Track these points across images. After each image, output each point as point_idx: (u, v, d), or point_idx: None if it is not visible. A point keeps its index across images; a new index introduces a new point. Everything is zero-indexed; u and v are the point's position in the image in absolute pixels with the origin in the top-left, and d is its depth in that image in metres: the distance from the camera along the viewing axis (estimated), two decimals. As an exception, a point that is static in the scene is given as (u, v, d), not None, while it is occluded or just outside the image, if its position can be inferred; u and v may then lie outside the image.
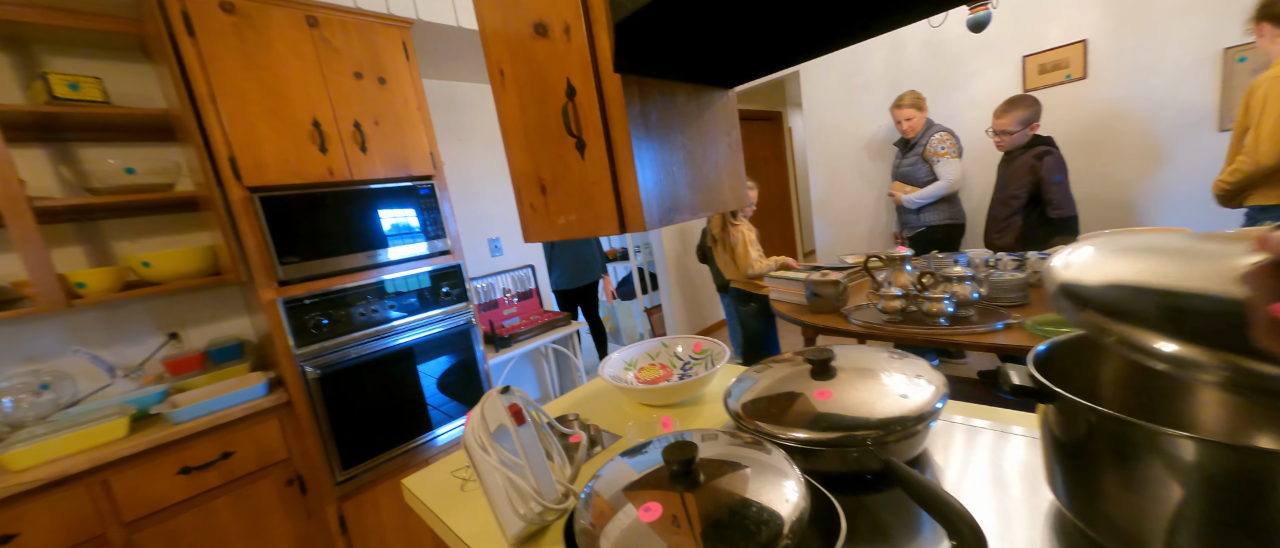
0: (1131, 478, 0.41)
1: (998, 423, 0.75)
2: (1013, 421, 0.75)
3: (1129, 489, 0.42)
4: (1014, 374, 0.50)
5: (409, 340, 1.83)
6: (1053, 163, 2.06)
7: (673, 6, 0.50)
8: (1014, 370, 0.50)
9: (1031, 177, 2.10)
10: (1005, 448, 0.69)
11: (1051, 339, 0.54)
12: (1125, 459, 0.41)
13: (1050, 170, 2.06)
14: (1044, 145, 2.11)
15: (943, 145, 2.40)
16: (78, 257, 1.58)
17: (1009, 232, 2.21)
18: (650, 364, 1.15)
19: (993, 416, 0.78)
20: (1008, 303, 1.54)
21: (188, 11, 1.36)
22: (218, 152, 1.42)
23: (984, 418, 0.77)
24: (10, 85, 1.46)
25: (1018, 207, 2.16)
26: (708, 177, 0.87)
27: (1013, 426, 0.73)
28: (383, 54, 1.75)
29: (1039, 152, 2.09)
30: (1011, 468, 0.64)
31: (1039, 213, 2.13)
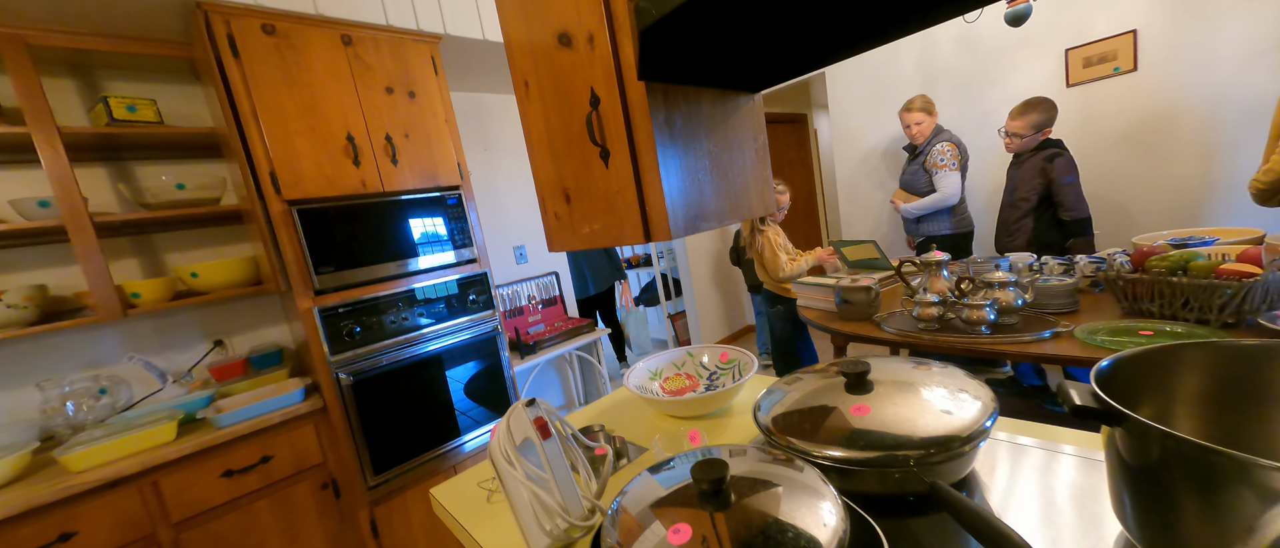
0: (1216, 511, 0.37)
1: (1047, 442, 0.70)
2: (1064, 438, 0.70)
3: (1212, 523, 0.37)
4: (1075, 393, 0.46)
5: (437, 348, 1.86)
6: (1063, 164, 2.03)
7: (697, 13, 0.49)
8: (1075, 389, 0.46)
9: (1042, 179, 2.07)
10: (1057, 469, 0.64)
11: (1117, 354, 0.50)
12: (1209, 490, 0.37)
13: (1061, 172, 2.02)
14: (1054, 147, 2.07)
15: (943, 157, 2.34)
16: (133, 268, 1.68)
17: (1020, 235, 2.18)
18: (676, 374, 1.13)
19: (1041, 433, 0.73)
20: (1055, 310, 1.45)
21: (233, 34, 1.43)
22: (259, 166, 1.48)
23: (1031, 436, 0.72)
24: (75, 109, 1.56)
25: (1028, 209, 2.14)
26: (734, 183, 0.85)
27: (1063, 444, 0.68)
28: (413, 68, 1.80)
29: (1049, 153, 2.06)
30: (1065, 491, 0.60)
31: (1051, 215, 2.10)
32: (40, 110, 1.31)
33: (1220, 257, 1.21)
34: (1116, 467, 0.45)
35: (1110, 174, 2.36)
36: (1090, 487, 0.59)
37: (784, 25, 0.62)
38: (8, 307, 1.31)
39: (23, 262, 1.50)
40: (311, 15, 1.57)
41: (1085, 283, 1.56)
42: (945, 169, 2.33)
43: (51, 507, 1.18)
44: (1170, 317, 1.21)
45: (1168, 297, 1.21)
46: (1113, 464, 0.46)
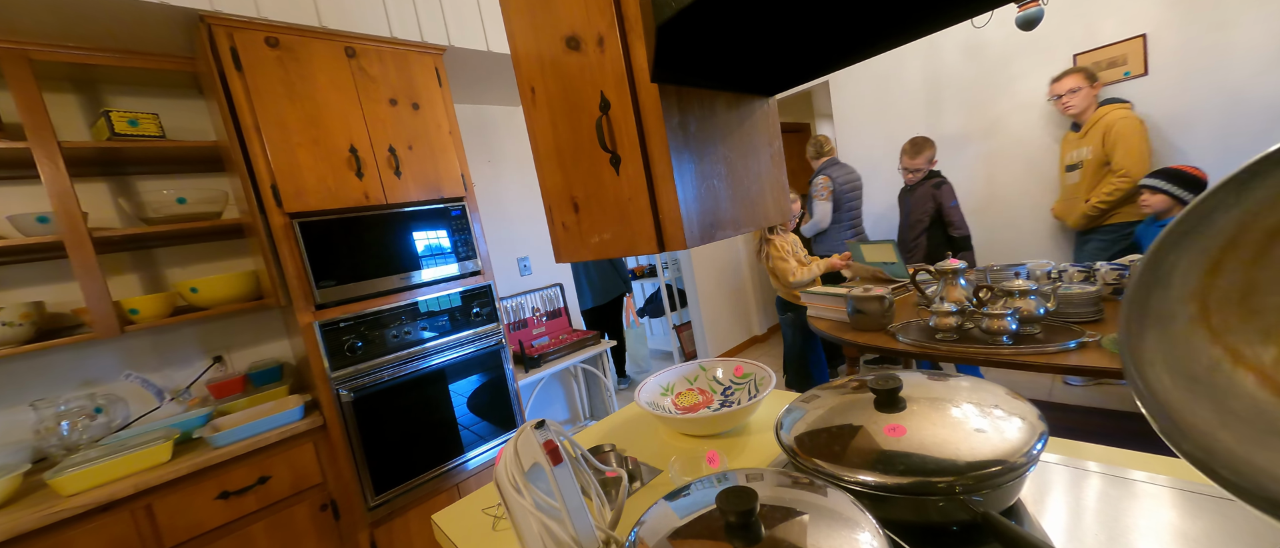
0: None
1: (1112, 467, 0.64)
2: (1130, 463, 0.64)
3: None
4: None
5: (440, 362, 1.82)
6: (949, 190, 2.47)
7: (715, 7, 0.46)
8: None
9: (933, 203, 2.48)
10: (1128, 500, 0.58)
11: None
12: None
13: (948, 196, 2.46)
14: (937, 177, 2.51)
15: (819, 189, 2.69)
16: (132, 284, 1.65)
17: (917, 252, 2.57)
18: (688, 389, 1.08)
19: (1104, 456, 0.67)
20: (1079, 319, 1.40)
21: (236, 47, 1.42)
22: (261, 179, 1.46)
23: (1095, 459, 0.66)
24: (77, 123, 1.55)
25: (923, 229, 2.54)
26: (750, 190, 0.81)
27: (1130, 470, 0.62)
28: (416, 80, 1.79)
29: (935, 182, 2.48)
30: (1141, 527, 0.53)
31: (942, 232, 2.51)
32: (41, 125, 1.30)
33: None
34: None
35: (1123, 179, 2.31)
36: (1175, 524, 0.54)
37: (801, 23, 0.59)
38: (3, 325, 1.28)
39: (20, 278, 1.48)
40: (315, 28, 1.56)
41: (1108, 290, 1.51)
42: (818, 200, 2.69)
43: (39, 533, 1.14)
44: (1203, 325, 1.16)
45: (1200, 305, 1.16)
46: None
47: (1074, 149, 2.16)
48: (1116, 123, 2.00)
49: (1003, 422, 0.57)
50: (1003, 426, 0.56)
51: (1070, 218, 2.21)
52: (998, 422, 0.57)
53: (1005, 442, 0.53)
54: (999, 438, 0.54)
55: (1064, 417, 2.21)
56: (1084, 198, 2.09)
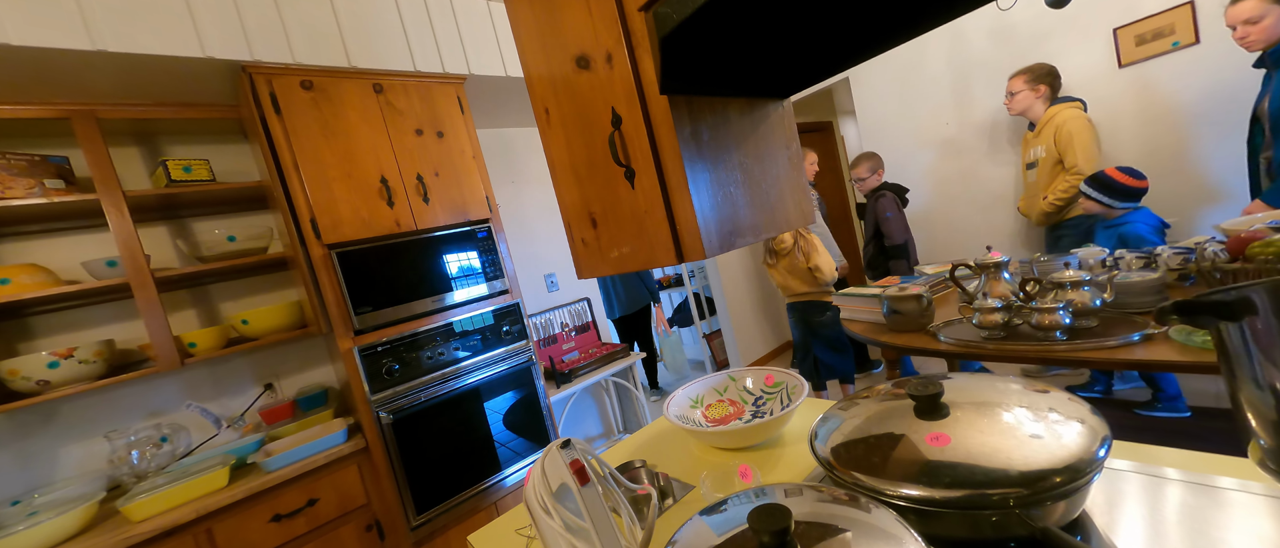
0: None
1: (1194, 474, 0.58)
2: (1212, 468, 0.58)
3: None
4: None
5: (474, 381, 1.86)
6: (886, 202, 2.66)
7: (719, 15, 0.45)
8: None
9: (873, 215, 2.71)
10: (1215, 510, 0.52)
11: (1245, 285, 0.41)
12: None
13: (882, 208, 2.66)
14: (883, 189, 2.71)
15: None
16: (190, 319, 1.77)
17: (871, 262, 2.82)
18: (718, 401, 1.06)
19: (1179, 461, 0.61)
20: (1140, 309, 1.29)
21: (275, 92, 1.52)
22: (301, 214, 1.54)
23: (1171, 465, 0.60)
24: (139, 173, 1.69)
25: (869, 238, 2.79)
26: (769, 194, 0.80)
27: (1217, 477, 0.56)
28: (440, 110, 1.86)
29: (878, 193, 2.70)
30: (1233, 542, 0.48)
31: (877, 242, 2.74)
32: (108, 178, 1.42)
33: (1342, 237, 1.05)
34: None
35: (1178, 156, 2.15)
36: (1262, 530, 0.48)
37: (810, 24, 0.58)
38: (79, 363, 1.39)
39: (93, 319, 1.61)
40: (345, 68, 1.65)
41: (1172, 277, 1.39)
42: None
43: (113, 557, 1.22)
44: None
45: None
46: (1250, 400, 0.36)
47: (1031, 148, 2.26)
48: (1066, 123, 2.08)
49: (1060, 426, 0.53)
50: (1060, 430, 0.52)
51: (1032, 215, 2.28)
52: (1054, 426, 0.53)
53: (1063, 448, 0.49)
54: (1056, 444, 0.50)
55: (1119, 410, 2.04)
56: (1043, 195, 2.18)
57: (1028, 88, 2.23)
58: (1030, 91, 2.22)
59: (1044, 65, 2.23)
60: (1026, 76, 2.23)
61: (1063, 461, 0.47)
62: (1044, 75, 2.21)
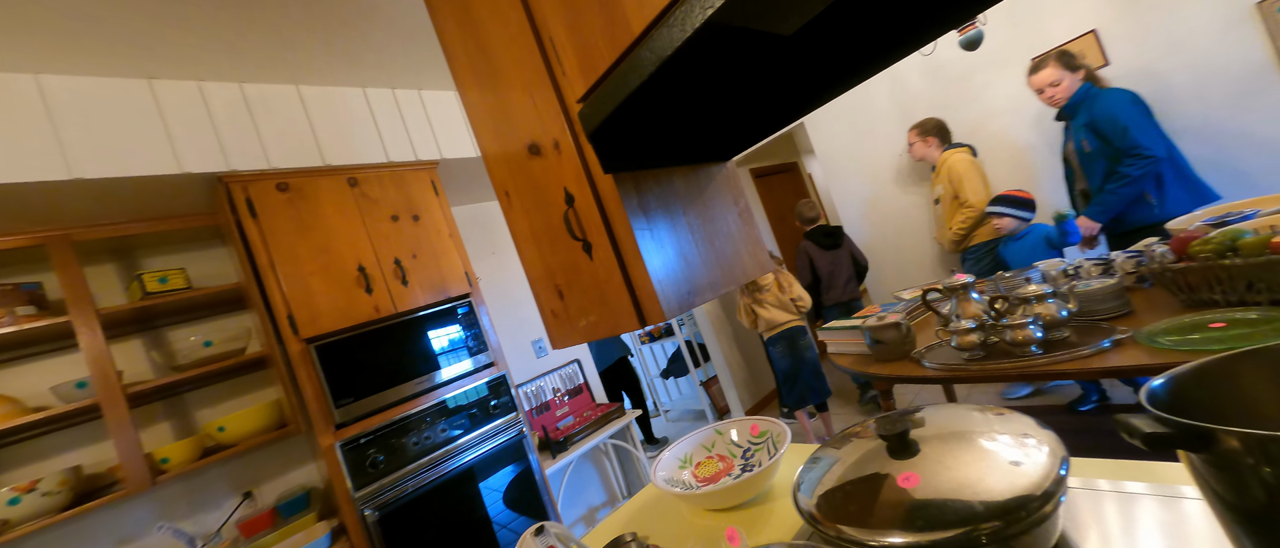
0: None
1: (1159, 485, 0.59)
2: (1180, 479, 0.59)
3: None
4: (1143, 422, 0.39)
5: (464, 462, 1.80)
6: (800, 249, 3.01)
7: (638, 110, 0.50)
8: (1139, 419, 0.39)
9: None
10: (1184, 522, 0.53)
11: (1171, 373, 0.43)
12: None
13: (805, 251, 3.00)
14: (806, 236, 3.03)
15: None
16: (164, 432, 1.70)
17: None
18: (708, 458, 1.04)
19: (1148, 474, 0.62)
20: (1106, 315, 1.33)
21: (251, 198, 1.57)
22: (278, 312, 1.55)
23: (1140, 479, 0.61)
24: (114, 288, 1.69)
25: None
26: (723, 250, 0.83)
27: (1183, 487, 0.57)
28: (414, 194, 1.92)
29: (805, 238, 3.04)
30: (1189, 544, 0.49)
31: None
32: (81, 299, 1.42)
33: (1269, 229, 1.12)
34: (1220, 505, 0.37)
35: (1119, 163, 2.29)
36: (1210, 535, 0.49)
37: (731, 100, 0.64)
38: (42, 495, 1.32)
39: (60, 445, 1.54)
40: (320, 167, 1.72)
41: (1130, 280, 1.44)
42: None
43: None
44: (1237, 302, 1.10)
45: (1228, 282, 1.10)
46: (1210, 497, 0.38)
47: (935, 186, 2.59)
48: (955, 166, 2.41)
49: (1019, 450, 0.53)
50: (1020, 454, 0.53)
51: (944, 242, 2.60)
52: (1012, 450, 0.54)
53: (1023, 475, 0.49)
54: (1016, 471, 0.50)
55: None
56: (948, 225, 2.50)
57: (919, 140, 2.59)
58: (922, 143, 2.59)
59: (931, 120, 2.60)
60: (917, 130, 2.60)
61: (1026, 488, 0.48)
62: (932, 128, 2.57)
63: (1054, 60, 1.98)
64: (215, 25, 1.34)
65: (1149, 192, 1.82)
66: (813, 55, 0.56)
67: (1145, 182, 1.80)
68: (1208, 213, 1.47)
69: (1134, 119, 1.81)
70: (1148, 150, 1.77)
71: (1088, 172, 1.97)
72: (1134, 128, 1.79)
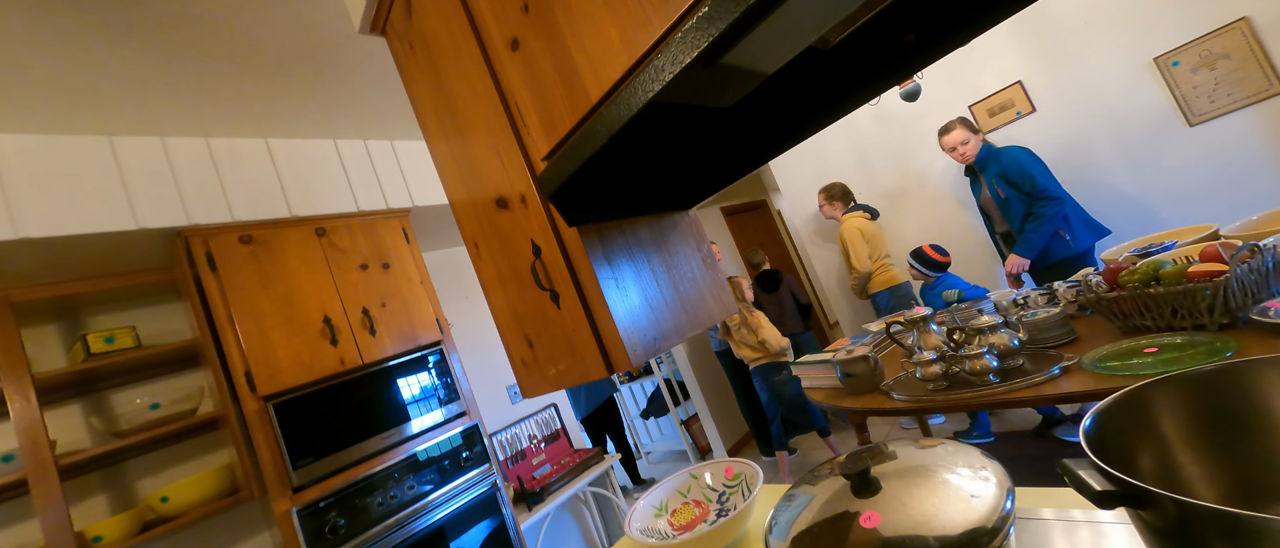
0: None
1: (1096, 512, 0.62)
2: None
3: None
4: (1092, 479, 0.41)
5: (433, 520, 1.70)
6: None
7: (596, 171, 0.54)
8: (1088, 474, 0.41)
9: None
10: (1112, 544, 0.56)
11: (1095, 410, 0.47)
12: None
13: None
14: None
15: None
16: (99, 506, 1.56)
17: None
18: (684, 504, 1.03)
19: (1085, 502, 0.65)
20: (1054, 342, 1.41)
21: (211, 252, 1.53)
22: (234, 369, 1.48)
23: (1082, 509, 0.64)
24: (54, 351, 1.59)
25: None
26: (688, 295, 0.86)
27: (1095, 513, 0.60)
28: (385, 243, 1.91)
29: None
30: None
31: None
32: (16, 364, 1.33)
33: (1185, 259, 1.22)
34: (1151, 538, 0.40)
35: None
36: None
37: (687, 158, 0.68)
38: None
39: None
40: (287, 218, 1.70)
41: (1072, 309, 1.54)
42: None
43: None
44: (1166, 328, 1.18)
45: (1154, 309, 1.19)
46: (1146, 536, 0.40)
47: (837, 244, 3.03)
48: (844, 233, 2.80)
49: (969, 483, 0.56)
50: (971, 487, 0.55)
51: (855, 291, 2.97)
52: (966, 483, 0.56)
53: (973, 510, 0.52)
54: (966, 507, 0.52)
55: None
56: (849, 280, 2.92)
57: (826, 202, 2.96)
58: (829, 205, 2.95)
59: (837, 185, 2.94)
60: (824, 194, 2.96)
61: (977, 520, 0.50)
62: (837, 193, 2.92)
63: (960, 124, 2.28)
64: (180, 83, 1.34)
65: (1062, 228, 2.08)
66: (757, 119, 0.62)
67: (1058, 220, 2.07)
68: (1133, 245, 1.61)
69: (1038, 168, 2.10)
70: (1056, 193, 2.06)
71: (1007, 215, 2.23)
72: (1039, 176, 2.08)
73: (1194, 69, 2.08)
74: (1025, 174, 2.09)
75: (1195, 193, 2.14)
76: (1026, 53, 2.42)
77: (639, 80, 0.40)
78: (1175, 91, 2.12)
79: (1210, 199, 2.11)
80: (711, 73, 0.38)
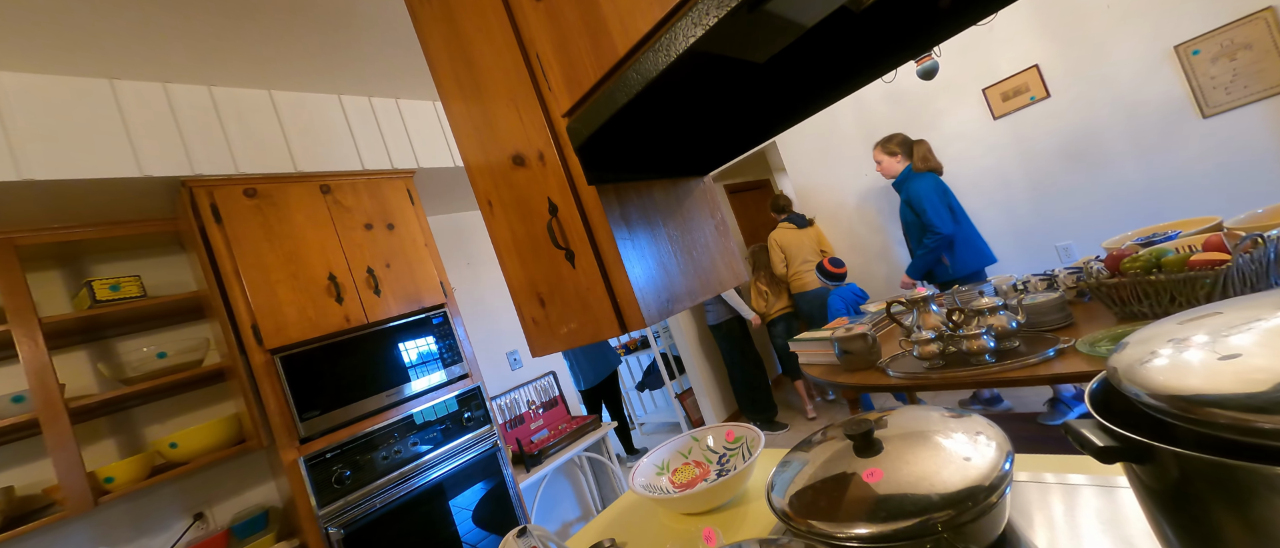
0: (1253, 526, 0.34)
1: (1099, 477, 0.64)
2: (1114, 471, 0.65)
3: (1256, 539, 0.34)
4: (1094, 435, 0.42)
5: (435, 476, 1.75)
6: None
7: (625, 124, 0.53)
8: (1090, 430, 0.43)
9: None
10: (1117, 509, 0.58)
11: (1100, 375, 0.49)
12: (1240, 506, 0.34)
13: None
14: None
15: None
16: (109, 449, 1.60)
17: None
18: (685, 464, 1.06)
19: (1087, 467, 0.68)
20: (1051, 326, 1.43)
21: (216, 203, 1.52)
22: (241, 321, 1.49)
23: (1081, 472, 0.67)
24: (59, 297, 1.59)
25: None
26: (700, 260, 0.87)
27: (1117, 478, 0.63)
28: (390, 203, 1.90)
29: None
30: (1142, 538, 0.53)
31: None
32: (23, 307, 1.33)
33: (1187, 248, 1.24)
34: (1147, 498, 0.42)
35: (1060, 187, 2.48)
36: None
37: (708, 119, 0.68)
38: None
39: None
40: (291, 174, 1.68)
41: (1071, 294, 1.56)
42: None
43: None
44: (1163, 315, 1.21)
45: (1153, 296, 1.21)
46: (1142, 496, 0.43)
47: None
48: (769, 242, 3.22)
49: (970, 446, 0.58)
50: (970, 450, 0.57)
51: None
52: (965, 447, 0.58)
53: (976, 468, 0.54)
54: (968, 465, 0.55)
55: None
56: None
57: (774, 215, 3.33)
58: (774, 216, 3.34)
59: (782, 198, 3.27)
60: (771, 207, 3.31)
61: (975, 479, 0.52)
62: (772, 206, 3.31)
63: (878, 145, 2.52)
64: (183, 27, 1.31)
65: (945, 257, 2.38)
66: (783, 81, 0.61)
67: (939, 251, 2.36)
68: (1137, 233, 1.62)
69: (932, 203, 2.33)
70: (938, 230, 2.31)
71: (909, 237, 2.51)
72: (930, 211, 2.32)
73: (1214, 59, 2.05)
74: (921, 206, 2.35)
75: (1206, 185, 2.14)
76: (1046, 34, 2.37)
77: (680, 26, 0.39)
78: (1192, 82, 2.10)
79: (1220, 192, 2.10)
80: (753, 20, 0.37)
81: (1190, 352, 0.41)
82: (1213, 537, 0.37)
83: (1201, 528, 0.38)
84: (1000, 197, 2.66)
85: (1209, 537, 0.37)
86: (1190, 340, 0.42)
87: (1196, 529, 0.38)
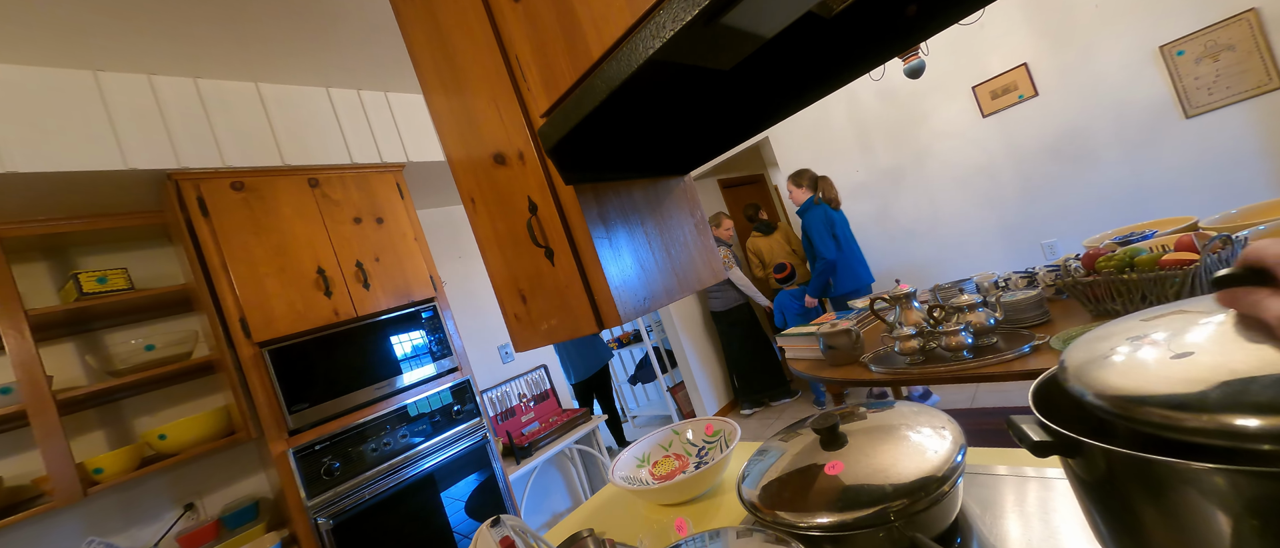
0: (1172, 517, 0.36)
1: (1042, 469, 0.67)
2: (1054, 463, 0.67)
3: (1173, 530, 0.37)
4: (1030, 429, 0.45)
5: (425, 468, 1.77)
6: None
7: (597, 128, 0.55)
8: (1027, 425, 0.46)
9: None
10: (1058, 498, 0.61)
11: (1044, 374, 0.51)
12: (1159, 498, 0.37)
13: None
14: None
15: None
16: (98, 441, 1.61)
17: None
18: (665, 456, 1.09)
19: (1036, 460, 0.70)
20: (1028, 323, 1.46)
21: (203, 196, 1.51)
22: (229, 314, 1.50)
23: (1035, 466, 0.69)
24: (46, 289, 1.59)
25: None
26: (679, 259, 0.89)
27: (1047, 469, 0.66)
28: (379, 197, 1.90)
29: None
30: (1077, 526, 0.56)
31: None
32: (8, 299, 1.33)
33: (1160, 248, 1.27)
34: (1079, 489, 0.44)
35: (1047, 185, 2.51)
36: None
37: (685, 120, 0.69)
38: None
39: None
40: (279, 167, 1.68)
41: (1050, 292, 1.59)
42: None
43: None
44: (1134, 311, 1.23)
45: (1126, 294, 1.24)
46: (1075, 486, 0.45)
47: None
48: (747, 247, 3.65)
49: (931, 439, 0.60)
50: (928, 442, 0.59)
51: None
52: (928, 439, 0.60)
53: (930, 460, 0.56)
54: (926, 457, 0.57)
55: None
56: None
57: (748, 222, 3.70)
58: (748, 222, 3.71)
59: (749, 207, 3.67)
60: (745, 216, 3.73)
61: (928, 470, 0.55)
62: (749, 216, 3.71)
63: (790, 178, 2.94)
64: (168, 17, 1.30)
65: (831, 279, 2.81)
66: (756, 84, 0.62)
67: (826, 273, 2.79)
68: (1115, 233, 1.65)
69: (819, 233, 2.75)
70: (822, 257, 2.75)
71: (806, 255, 2.98)
72: (816, 240, 2.76)
73: (1198, 60, 2.07)
74: (807, 236, 2.81)
75: (1188, 185, 2.18)
76: (1035, 33, 2.39)
77: (639, 37, 0.40)
78: (1177, 82, 2.12)
79: (1202, 191, 2.14)
80: (712, 32, 0.39)
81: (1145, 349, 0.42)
82: (1135, 525, 0.39)
83: (1127, 517, 0.40)
84: (988, 194, 2.69)
85: (1133, 525, 0.40)
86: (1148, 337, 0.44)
87: (1124, 517, 0.41)
